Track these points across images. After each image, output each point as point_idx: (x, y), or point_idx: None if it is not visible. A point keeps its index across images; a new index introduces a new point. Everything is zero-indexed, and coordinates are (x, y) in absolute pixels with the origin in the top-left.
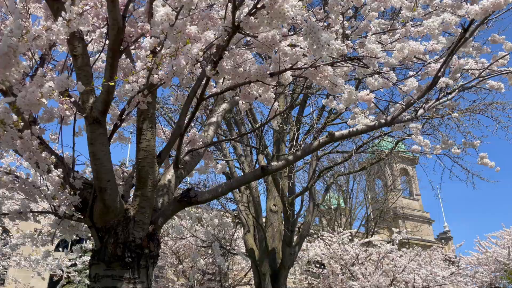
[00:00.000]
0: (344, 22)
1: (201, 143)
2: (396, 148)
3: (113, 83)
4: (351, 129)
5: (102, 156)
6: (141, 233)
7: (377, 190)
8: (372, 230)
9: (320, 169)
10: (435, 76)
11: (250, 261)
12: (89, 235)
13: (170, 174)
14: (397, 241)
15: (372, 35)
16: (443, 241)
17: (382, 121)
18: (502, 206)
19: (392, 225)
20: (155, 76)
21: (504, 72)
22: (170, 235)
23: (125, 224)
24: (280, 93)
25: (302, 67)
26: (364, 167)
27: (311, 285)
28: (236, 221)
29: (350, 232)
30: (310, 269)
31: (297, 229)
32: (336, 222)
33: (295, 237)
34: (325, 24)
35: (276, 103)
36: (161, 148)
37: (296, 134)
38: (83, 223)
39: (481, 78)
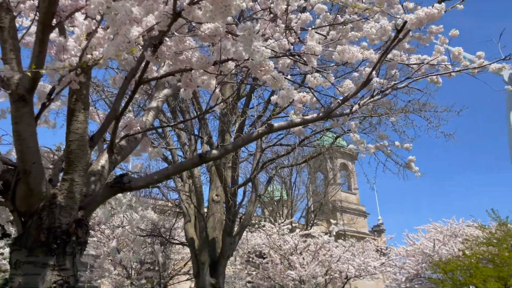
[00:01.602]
0: (291, 15)
1: (138, 128)
2: (337, 143)
3: (42, 59)
4: (289, 121)
5: (27, 137)
6: (68, 219)
7: (318, 184)
8: (311, 221)
9: (264, 161)
10: (368, 76)
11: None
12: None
13: (103, 159)
14: (334, 233)
15: (315, 28)
16: (376, 233)
17: (320, 114)
18: (432, 201)
19: (330, 217)
20: (89, 55)
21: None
22: (107, 223)
23: (50, 209)
24: (224, 82)
25: (245, 58)
26: (305, 160)
27: (250, 275)
28: (177, 210)
29: (291, 223)
30: (250, 259)
31: (238, 219)
32: (278, 214)
33: (236, 227)
34: (271, 15)
35: (217, 90)
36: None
37: (240, 125)
38: (5, 207)
39: (414, 79)
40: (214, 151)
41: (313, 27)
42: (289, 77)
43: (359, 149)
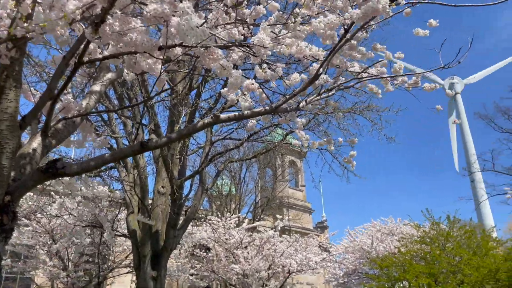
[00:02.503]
0: (245, 9)
1: (77, 111)
2: (287, 141)
3: None
4: (237, 113)
5: None
6: None
7: (266, 179)
8: (258, 216)
9: (213, 154)
10: (316, 72)
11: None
12: None
13: (36, 142)
14: (279, 228)
15: (269, 25)
16: (319, 229)
17: (267, 108)
18: (374, 200)
19: (277, 212)
20: (20, 28)
21: (381, 77)
22: (44, 212)
23: None
24: (174, 70)
25: (192, 45)
26: (254, 156)
27: (194, 268)
28: (120, 201)
29: (238, 218)
30: (195, 252)
31: (184, 212)
32: (225, 208)
33: (181, 220)
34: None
35: (165, 77)
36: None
37: (190, 116)
38: None
39: (358, 80)
40: (157, 140)
41: (265, 22)
42: (240, 71)
43: (303, 142)
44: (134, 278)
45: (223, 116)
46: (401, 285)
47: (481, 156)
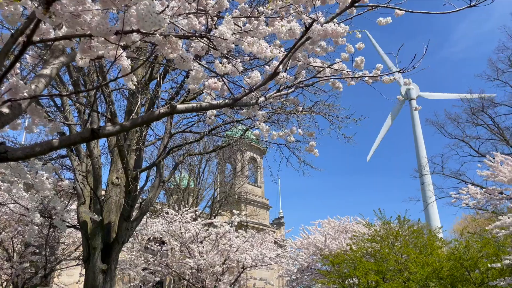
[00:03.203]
0: (209, 0)
1: (25, 94)
2: (248, 136)
3: None
4: (194, 104)
5: None
6: None
7: (226, 174)
8: (216, 211)
9: (172, 146)
10: (275, 69)
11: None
12: None
13: None
14: (236, 223)
15: (234, 18)
16: (276, 226)
17: (227, 101)
18: (331, 198)
19: (235, 208)
20: None
21: (341, 77)
22: None
23: None
24: (133, 57)
25: (151, 32)
26: (214, 150)
27: (147, 262)
28: (71, 191)
29: (195, 212)
30: (149, 246)
31: (138, 205)
32: (183, 202)
33: (135, 212)
34: None
35: (126, 63)
36: None
37: (149, 106)
38: None
39: (319, 79)
40: (109, 127)
41: (229, 15)
42: (203, 63)
43: (263, 134)
44: (84, 271)
45: (180, 106)
46: (351, 281)
47: (431, 160)
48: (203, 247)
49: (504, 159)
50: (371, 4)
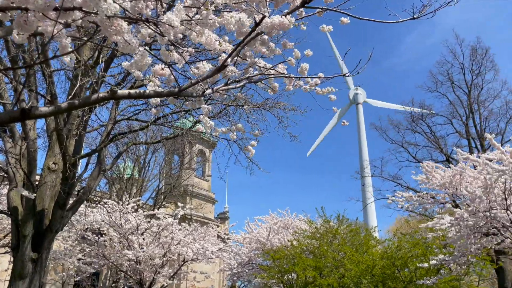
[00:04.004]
0: None
1: None
2: (197, 129)
3: None
4: (137, 91)
5: None
6: None
7: (173, 166)
8: (160, 203)
9: (115, 134)
10: (223, 62)
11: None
12: None
13: None
14: (179, 216)
15: (185, 6)
16: (220, 220)
17: (172, 90)
18: (277, 195)
19: (180, 200)
20: None
21: (288, 76)
22: None
23: None
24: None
25: (93, 12)
26: (160, 140)
27: (83, 252)
28: (2, 174)
29: (137, 203)
30: (86, 236)
31: (76, 192)
32: (126, 192)
33: (72, 200)
34: None
35: (66, 42)
36: None
37: (93, 91)
38: None
39: (266, 76)
40: (43, 108)
41: (181, 3)
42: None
43: (206, 128)
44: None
45: (121, 92)
46: (290, 277)
47: (372, 163)
48: (143, 239)
49: (435, 167)
50: (321, 7)
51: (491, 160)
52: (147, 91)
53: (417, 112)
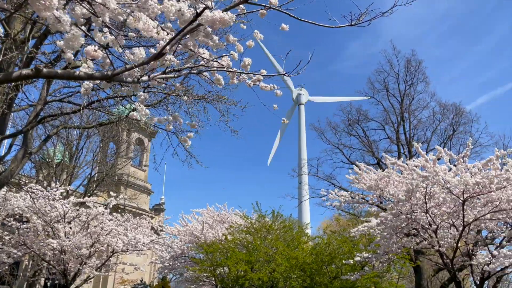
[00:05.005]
0: None
1: None
2: (130, 115)
3: None
4: (66, 71)
5: None
6: None
7: (108, 153)
8: (92, 191)
9: (45, 115)
10: (161, 49)
11: None
12: None
13: None
14: (111, 205)
15: None
16: (155, 211)
17: (104, 73)
18: (215, 189)
19: (113, 189)
20: None
21: (229, 70)
22: None
23: None
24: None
25: None
26: (94, 126)
27: (3, 240)
28: None
29: (66, 190)
30: (6, 222)
31: None
32: (54, 178)
33: None
34: None
35: None
36: None
37: (24, 66)
38: None
39: (207, 68)
40: None
41: None
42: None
43: (141, 116)
44: None
45: (47, 70)
46: (222, 270)
47: (309, 162)
48: (70, 227)
49: (366, 169)
50: (263, 4)
51: (416, 166)
52: (77, 72)
53: (354, 116)
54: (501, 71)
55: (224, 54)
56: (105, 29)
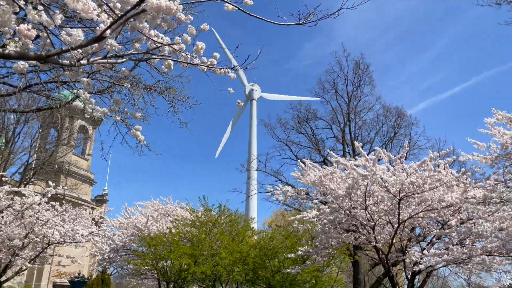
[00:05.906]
0: None
1: None
2: (74, 105)
3: None
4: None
5: None
6: None
7: (48, 141)
8: (28, 179)
9: None
10: (101, 33)
11: None
12: None
13: None
14: (49, 195)
15: None
16: (97, 202)
17: (39, 53)
18: (163, 182)
19: (53, 179)
20: None
21: (175, 60)
22: None
23: None
24: None
25: None
26: (31, 110)
27: None
28: None
29: (0, 177)
30: None
31: None
32: None
33: None
34: None
35: None
36: None
37: None
38: None
39: (151, 56)
40: None
41: None
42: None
43: (86, 105)
44: None
45: None
46: (165, 263)
47: (258, 157)
48: (2, 217)
49: (311, 165)
50: None
51: (358, 166)
52: (7, 51)
53: (304, 114)
54: (442, 79)
55: (176, 37)
56: (40, 7)
